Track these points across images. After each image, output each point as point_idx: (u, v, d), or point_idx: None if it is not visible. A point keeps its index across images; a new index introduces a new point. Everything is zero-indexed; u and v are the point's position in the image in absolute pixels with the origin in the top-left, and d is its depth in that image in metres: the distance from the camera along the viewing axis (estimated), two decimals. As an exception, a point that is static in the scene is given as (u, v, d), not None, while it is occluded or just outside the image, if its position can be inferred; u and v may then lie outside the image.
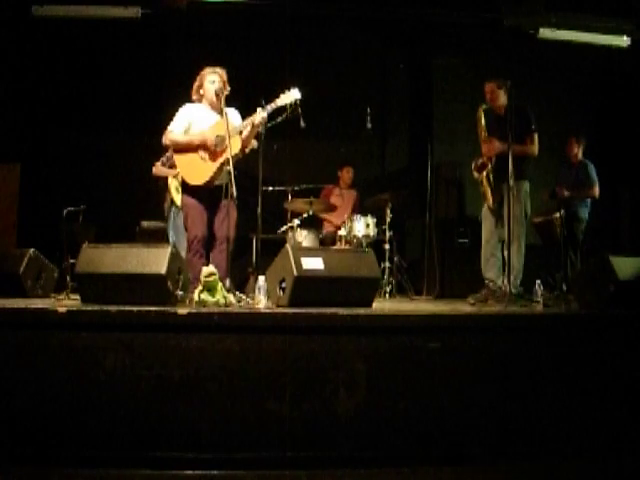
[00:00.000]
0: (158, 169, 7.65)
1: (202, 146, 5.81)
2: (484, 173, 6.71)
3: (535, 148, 6.58)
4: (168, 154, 7.55)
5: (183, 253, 5.85)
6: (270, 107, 5.76)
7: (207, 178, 5.78)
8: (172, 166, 7.51)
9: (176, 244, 7.07)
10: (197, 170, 5.82)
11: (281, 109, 5.83)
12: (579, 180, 8.12)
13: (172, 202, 7.55)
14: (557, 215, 7.73)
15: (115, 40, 9.53)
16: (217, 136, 5.76)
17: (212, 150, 5.77)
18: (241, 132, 5.80)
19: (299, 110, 5.87)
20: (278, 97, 5.78)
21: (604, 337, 4.33)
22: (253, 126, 5.79)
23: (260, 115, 5.74)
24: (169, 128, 5.96)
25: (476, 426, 4.10)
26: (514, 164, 5.93)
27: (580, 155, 8.33)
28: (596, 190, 8.07)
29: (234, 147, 5.63)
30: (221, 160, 5.75)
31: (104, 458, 3.82)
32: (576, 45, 9.65)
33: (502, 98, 6.65)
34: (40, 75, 9.59)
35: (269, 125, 5.89)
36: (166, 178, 7.61)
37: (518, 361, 4.21)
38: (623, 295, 4.87)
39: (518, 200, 6.39)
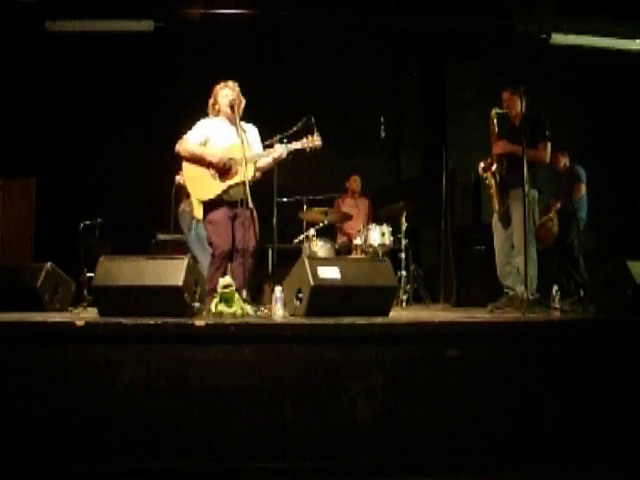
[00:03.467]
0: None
1: (213, 165, 5.83)
2: (489, 173, 6.72)
3: (547, 155, 6.58)
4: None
5: (206, 264, 5.90)
6: (291, 147, 5.84)
7: (212, 195, 5.81)
8: None
9: (199, 256, 7.09)
10: (204, 185, 5.85)
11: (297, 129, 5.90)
12: (571, 184, 8.19)
13: (192, 214, 7.55)
14: (549, 216, 7.81)
15: (129, 54, 9.59)
16: (230, 159, 5.80)
17: (222, 171, 5.81)
18: (256, 161, 5.83)
19: (313, 121, 5.90)
20: (302, 139, 5.86)
21: (622, 342, 4.29)
22: (272, 160, 5.87)
23: (279, 151, 5.83)
24: (186, 136, 5.97)
25: (496, 434, 4.08)
26: (522, 171, 5.92)
27: (567, 163, 8.42)
28: (582, 187, 8.19)
29: (248, 174, 5.65)
30: (230, 183, 5.79)
31: (122, 470, 3.83)
32: (589, 50, 9.63)
33: (518, 105, 6.65)
34: (54, 90, 9.66)
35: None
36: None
37: (537, 368, 4.19)
38: (641, 300, 4.84)
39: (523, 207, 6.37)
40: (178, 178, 7.64)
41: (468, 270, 8.57)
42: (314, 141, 5.81)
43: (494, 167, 6.70)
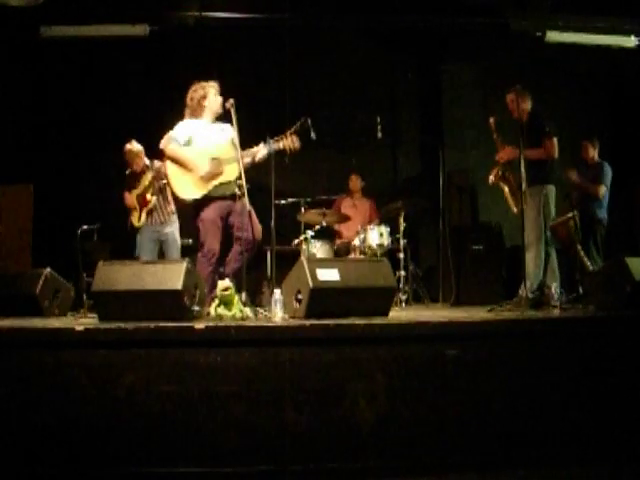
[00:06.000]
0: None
1: (194, 170, 5.81)
2: (501, 180, 6.72)
3: (553, 151, 6.56)
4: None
5: None
6: (272, 148, 5.86)
7: (198, 195, 5.80)
8: (129, 188, 7.53)
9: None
10: (189, 184, 5.83)
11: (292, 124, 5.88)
12: (592, 179, 8.10)
13: (130, 223, 7.56)
14: (570, 215, 7.67)
15: (124, 59, 9.58)
16: (213, 159, 5.80)
17: (203, 176, 5.79)
18: (238, 161, 5.77)
19: (309, 122, 5.89)
20: (281, 139, 5.87)
21: (622, 339, 4.30)
22: (254, 160, 5.93)
23: (262, 153, 5.91)
24: (170, 134, 5.95)
25: (496, 433, 4.08)
26: (534, 169, 5.95)
27: (596, 157, 8.31)
28: (600, 190, 7.98)
29: (232, 173, 5.73)
30: (215, 183, 5.79)
31: (124, 476, 3.83)
32: (584, 46, 9.64)
33: (522, 105, 6.66)
34: (50, 95, 9.65)
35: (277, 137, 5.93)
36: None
37: (537, 366, 4.19)
38: (640, 296, 4.85)
39: (533, 205, 6.37)
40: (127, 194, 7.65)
41: (466, 269, 8.58)
42: (294, 143, 5.85)
43: (499, 173, 6.71)
